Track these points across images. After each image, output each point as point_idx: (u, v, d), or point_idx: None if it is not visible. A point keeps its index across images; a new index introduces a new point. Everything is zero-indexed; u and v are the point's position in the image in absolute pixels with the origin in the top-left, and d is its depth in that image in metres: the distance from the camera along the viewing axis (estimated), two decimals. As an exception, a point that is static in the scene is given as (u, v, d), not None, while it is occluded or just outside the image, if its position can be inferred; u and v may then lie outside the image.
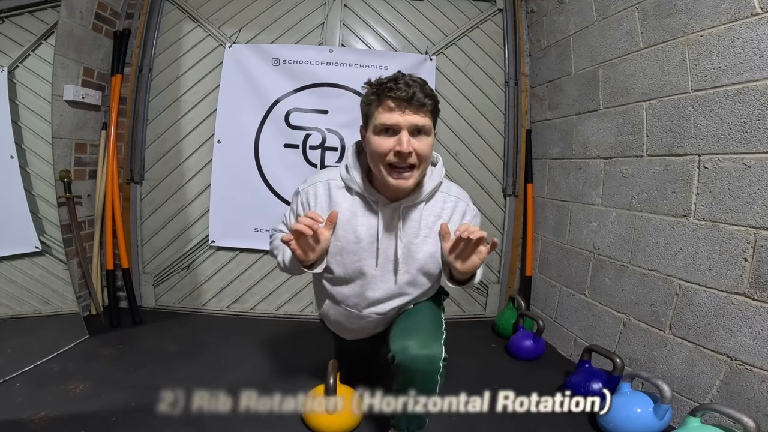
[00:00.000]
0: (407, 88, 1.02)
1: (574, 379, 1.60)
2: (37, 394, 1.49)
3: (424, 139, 1.06)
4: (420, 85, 1.05)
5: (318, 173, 1.24)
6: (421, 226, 1.17)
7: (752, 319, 1.24)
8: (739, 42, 1.27)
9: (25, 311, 1.94)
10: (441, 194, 1.20)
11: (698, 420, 1.21)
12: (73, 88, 2.04)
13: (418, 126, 1.05)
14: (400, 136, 1.04)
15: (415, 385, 1.09)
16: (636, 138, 1.68)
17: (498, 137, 2.48)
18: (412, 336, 1.11)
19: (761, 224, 1.23)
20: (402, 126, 1.04)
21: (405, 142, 1.03)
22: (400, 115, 1.03)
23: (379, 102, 1.06)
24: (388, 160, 1.06)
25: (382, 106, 1.05)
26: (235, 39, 2.34)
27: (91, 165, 2.25)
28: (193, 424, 1.39)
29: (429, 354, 1.08)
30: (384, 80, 1.06)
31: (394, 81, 1.04)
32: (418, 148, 1.05)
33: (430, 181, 1.17)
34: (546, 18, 2.28)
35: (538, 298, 2.34)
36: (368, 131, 1.10)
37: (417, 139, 1.06)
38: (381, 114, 1.05)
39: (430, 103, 1.05)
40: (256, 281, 2.42)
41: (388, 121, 1.04)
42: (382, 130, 1.06)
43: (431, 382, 1.10)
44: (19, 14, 1.83)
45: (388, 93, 1.03)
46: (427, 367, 1.09)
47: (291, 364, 1.86)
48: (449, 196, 1.21)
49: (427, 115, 1.06)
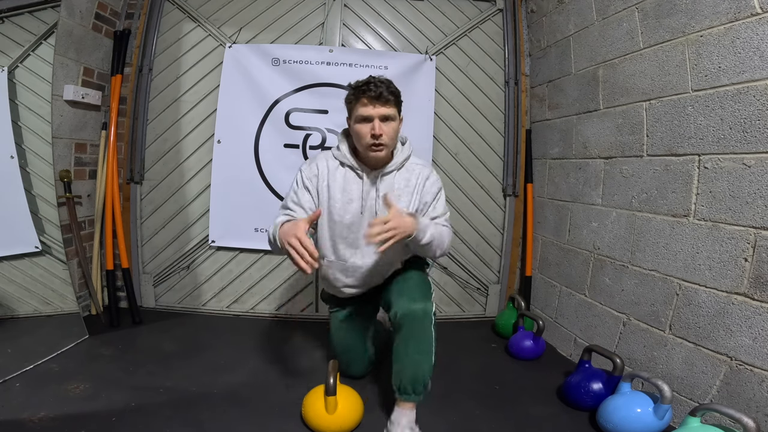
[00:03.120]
0: (376, 89, 1.38)
1: (574, 379, 1.60)
2: (37, 394, 1.49)
3: (390, 123, 1.43)
4: (386, 85, 1.41)
5: (314, 156, 1.59)
6: (394, 188, 1.51)
7: (752, 319, 1.24)
8: (739, 42, 1.27)
9: (25, 311, 1.94)
10: (410, 164, 1.55)
11: (698, 420, 1.21)
12: (73, 88, 2.04)
13: (385, 115, 1.41)
14: (374, 123, 1.40)
15: (414, 335, 1.36)
16: (636, 138, 1.68)
17: (498, 137, 2.48)
18: (407, 295, 1.41)
19: (761, 224, 1.23)
20: (374, 116, 1.40)
21: (377, 127, 1.39)
22: (373, 108, 1.39)
23: (357, 100, 1.42)
24: (367, 141, 1.42)
25: (360, 102, 1.41)
26: (235, 39, 2.34)
27: (91, 165, 2.25)
28: (193, 424, 1.39)
29: (423, 307, 1.37)
30: (360, 83, 1.42)
31: (366, 84, 1.40)
32: (385, 131, 1.40)
33: (399, 155, 1.53)
34: (546, 18, 2.28)
35: (538, 298, 2.34)
36: (351, 121, 1.47)
37: (385, 124, 1.41)
38: (359, 108, 1.41)
39: (393, 98, 1.42)
40: (256, 281, 2.42)
41: (365, 113, 1.41)
42: (362, 120, 1.42)
43: (428, 331, 1.38)
44: (19, 14, 1.83)
45: (363, 93, 1.39)
46: (422, 317, 1.36)
47: (291, 364, 1.86)
48: (416, 165, 1.56)
49: (392, 106, 1.42)
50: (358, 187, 1.51)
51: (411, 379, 1.36)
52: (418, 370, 1.35)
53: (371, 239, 1.21)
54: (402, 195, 1.51)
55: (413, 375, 1.36)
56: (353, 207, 1.50)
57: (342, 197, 1.50)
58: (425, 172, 1.55)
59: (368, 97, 1.38)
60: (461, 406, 1.59)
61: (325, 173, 1.52)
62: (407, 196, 1.51)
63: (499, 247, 2.51)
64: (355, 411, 1.41)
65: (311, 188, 1.51)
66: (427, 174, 1.55)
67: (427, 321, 1.37)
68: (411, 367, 1.35)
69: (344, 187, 1.51)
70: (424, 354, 1.36)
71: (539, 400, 1.64)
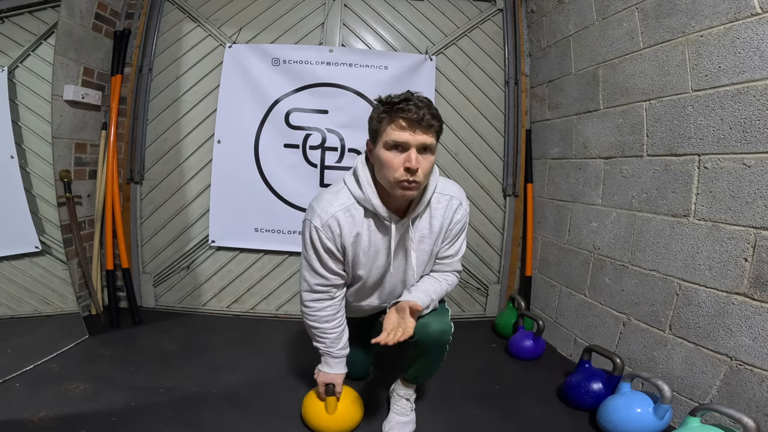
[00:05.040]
0: (417, 110, 1.09)
1: (574, 379, 1.60)
2: (37, 394, 1.49)
3: (428, 157, 1.15)
4: (428, 106, 1.12)
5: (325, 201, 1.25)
6: (423, 234, 1.31)
7: (752, 319, 1.24)
8: (739, 42, 1.27)
9: (25, 311, 1.94)
10: (436, 195, 1.29)
11: (698, 420, 1.21)
12: (73, 88, 2.04)
13: (425, 144, 1.13)
14: (410, 154, 1.11)
15: (430, 354, 1.33)
16: (636, 138, 1.68)
17: (498, 137, 2.48)
18: (426, 317, 1.29)
19: (761, 224, 1.23)
20: (411, 144, 1.11)
21: (414, 159, 1.11)
22: (411, 135, 1.11)
23: (390, 120, 1.13)
24: (398, 176, 1.13)
25: (394, 123, 1.12)
26: (235, 39, 2.34)
27: (91, 165, 2.25)
28: (193, 424, 1.39)
29: (443, 328, 1.29)
30: (395, 99, 1.13)
31: (405, 101, 1.11)
32: (423, 166, 1.13)
33: (428, 191, 1.25)
34: (546, 18, 2.28)
35: (538, 298, 2.34)
36: (377, 146, 1.17)
37: (423, 156, 1.13)
38: (392, 131, 1.12)
39: (437, 124, 1.14)
40: (256, 281, 2.42)
41: (399, 139, 1.12)
42: (393, 147, 1.13)
43: (442, 350, 1.34)
44: (19, 14, 1.83)
45: (401, 113, 1.11)
46: (441, 338, 1.30)
47: (291, 364, 1.86)
48: (443, 195, 1.30)
49: (433, 135, 1.14)
50: (385, 240, 1.27)
51: (416, 376, 1.44)
52: (426, 373, 1.43)
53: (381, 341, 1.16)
54: (425, 239, 1.31)
55: (419, 375, 1.44)
56: (379, 262, 1.31)
57: (367, 254, 1.28)
58: (453, 203, 1.31)
59: (407, 119, 1.10)
60: (461, 406, 1.59)
61: (348, 231, 1.24)
62: (430, 239, 1.31)
63: (499, 247, 2.51)
64: (355, 411, 1.41)
65: (334, 249, 1.25)
66: (455, 206, 1.31)
67: (445, 340, 1.31)
68: (420, 370, 1.41)
69: (370, 239, 1.26)
70: (434, 366, 1.40)
71: (539, 400, 1.64)
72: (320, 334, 1.35)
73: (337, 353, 1.37)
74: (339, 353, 1.37)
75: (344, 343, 1.38)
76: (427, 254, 1.33)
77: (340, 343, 1.37)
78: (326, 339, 1.35)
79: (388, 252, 1.28)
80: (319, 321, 1.33)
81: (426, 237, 1.31)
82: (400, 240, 1.29)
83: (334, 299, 1.33)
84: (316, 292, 1.31)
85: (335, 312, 1.34)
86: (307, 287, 1.31)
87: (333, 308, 1.33)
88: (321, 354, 1.39)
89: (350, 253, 1.27)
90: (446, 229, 1.32)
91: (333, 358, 1.37)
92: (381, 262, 1.31)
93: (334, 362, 1.37)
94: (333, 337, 1.35)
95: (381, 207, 1.21)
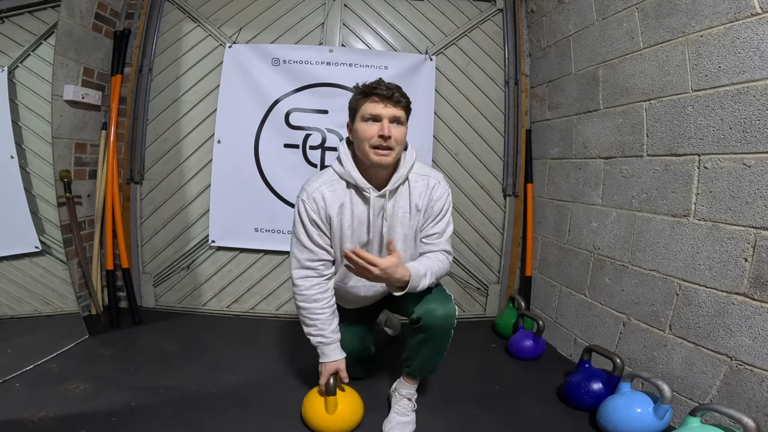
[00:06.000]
0: (388, 90, 1.31)
1: (574, 379, 1.60)
2: (37, 394, 1.49)
3: (399, 128, 1.33)
4: (396, 88, 1.33)
5: (312, 179, 1.43)
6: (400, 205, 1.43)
7: (752, 319, 1.24)
8: (739, 42, 1.27)
9: (25, 311, 1.94)
10: (414, 175, 1.43)
11: (698, 420, 1.21)
12: (73, 88, 2.04)
13: (396, 116, 1.32)
14: (383, 123, 1.30)
15: (434, 339, 1.38)
16: (636, 138, 1.68)
17: (498, 137, 2.48)
18: (431, 301, 1.37)
19: (761, 224, 1.23)
20: (384, 116, 1.31)
21: (386, 127, 1.30)
22: (383, 107, 1.31)
23: (366, 98, 1.33)
24: (373, 142, 1.31)
25: (369, 100, 1.32)
26: (235, 39, 2.34)
27: (91, 165, 2.25)
28: (193, 424, 1.39)
29: (447, 312, 1.36)
30: (370, 83, 1.34)
31: (377, 84, 1.33)
32: (394, 134, 1.31)
33: (404, 165, 1.40)
34: (546, 18, 2.28)
35: (538, 298, 2.34)
36: (355, 122, 1.35)
37: (395, 126, 1.32)
38: (368, 106, 1.32)
39: (405, 101, 1.34)
40: (256, 281, 2.42)
41: (374, 111, 1.31)
42: (369, 119, 1.32)
43: (447, 336, 1.39)
44: (19, 14, 1.83)
45: (374, 91, 1.31)
46: (446, 322, 1.36)
47: (291, 364, 1.86)
48: (420, 176, 1.44)
49: (402, 109, 1.34)
50: (365, 210, 1.40)
51: (420, 368, 1.46)
52: (430, 364, 1.46)
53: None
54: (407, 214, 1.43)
55: (423, 366, 1.46)
56: (364, 236, 1.42)
57: (352, 227, 1.40)
58: (431, 182, 1.44)
59: (379, 95, 1.30)
60: (461, 406, 1.59)
61: (331, 201, 1.38)
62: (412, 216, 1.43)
63: (499, 247, 2.51)
64: (355, 411, 1.41)
65: (319, 222, 1.38)
66: (432, 186, 1.43)
67: (450, 324, 1.37)
68: (423, 361, 1.44)
69: (353, 211, 1.40)
70: (438, 354, 1.43)
71: (539, 400, 1.64)
72: (310, 315, 1.40)
73: (329, 336, 1.42)
74: (331, 336, 1.42)
75: (335, 327, 1.44)
76: (411, 230, 1.44)
77: (331, 325, 1.42)
78: (317, 320, 1.40)
79: (368, 221, 1.40)
80: (308, 300, 1.40)
81: (408, 213, 1.42)
82: (381, 213, 1.40)
83: (322, 277, 1.41)
84: (305, 268, 1.40)
85: (323, 290, 1.41)
86: (296, 264, 1.41)
87: (321, 286, 1.41)
88: (316, 345, 1.43)
89: (336, 223, 1.39)
90: (427, 206, 1.43)
91: (327, 345, 1.42)
92: (365, 234, 1.41)
93: (329, 350, 1.42)
94: (323, 317, 1.41)
95: (360, 178, 1.37)
